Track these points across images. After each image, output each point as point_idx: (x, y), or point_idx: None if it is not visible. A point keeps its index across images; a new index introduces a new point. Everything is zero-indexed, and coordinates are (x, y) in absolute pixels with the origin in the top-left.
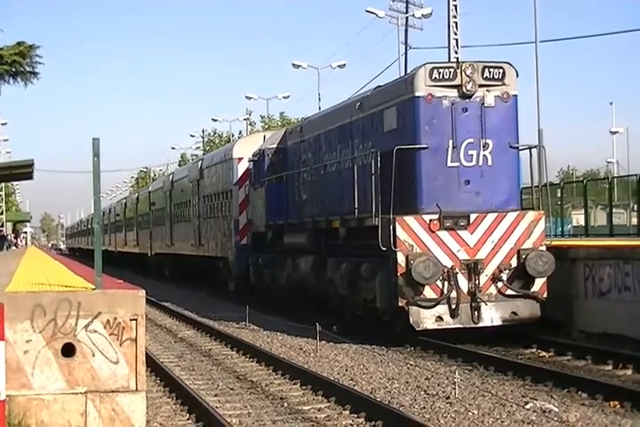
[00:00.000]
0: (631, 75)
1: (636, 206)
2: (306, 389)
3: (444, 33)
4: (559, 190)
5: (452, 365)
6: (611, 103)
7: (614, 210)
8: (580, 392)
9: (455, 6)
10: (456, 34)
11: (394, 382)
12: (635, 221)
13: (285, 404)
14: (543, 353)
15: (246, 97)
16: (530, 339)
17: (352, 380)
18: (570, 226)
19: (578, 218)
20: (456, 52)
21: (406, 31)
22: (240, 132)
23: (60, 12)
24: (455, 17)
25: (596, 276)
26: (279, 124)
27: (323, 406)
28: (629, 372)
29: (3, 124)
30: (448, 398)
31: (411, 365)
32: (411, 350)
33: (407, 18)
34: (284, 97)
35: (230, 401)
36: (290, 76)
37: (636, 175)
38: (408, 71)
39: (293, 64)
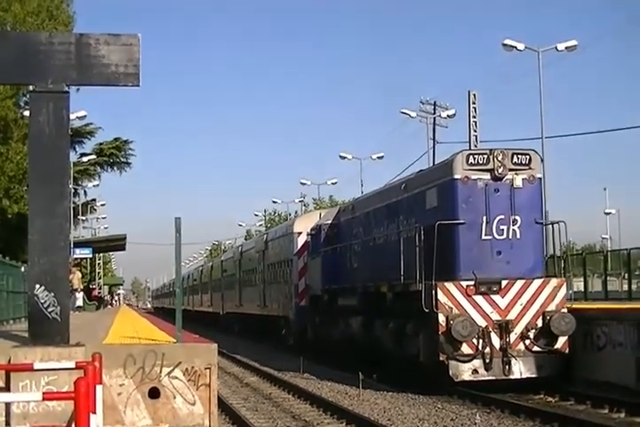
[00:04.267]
0: (622, 164)
1: (626, 275)
2: None
3: (466, 130)
4: (562, 261)
5: (473, 408)
6: (604, 188)
7: (608, 278)
8: None
9: (475, 108)
10: (475, 131)
11: (424, 422)
12: (626, 287)
13: None
14: (550, 399)
15: (301, 183)
16: (539, 386)
17: (389, 420)
18: (571, 291)
19: (578, 284)
20: (475, 146)
21: (434, 129)
22: (296, 212)
23: (146, 110)
24: (475, 117)
25: (594, 333)
26: (329, 205)
27: None
28: (622, 415)
29: (102, 205)
30: None
31: (438, 408)
32: (438, 396)
33: (435, 118)
34: (332, 183)
35: None
36: (336, 164)
37: (626, 249)
38: (436, 162)
39: (340, 155)
